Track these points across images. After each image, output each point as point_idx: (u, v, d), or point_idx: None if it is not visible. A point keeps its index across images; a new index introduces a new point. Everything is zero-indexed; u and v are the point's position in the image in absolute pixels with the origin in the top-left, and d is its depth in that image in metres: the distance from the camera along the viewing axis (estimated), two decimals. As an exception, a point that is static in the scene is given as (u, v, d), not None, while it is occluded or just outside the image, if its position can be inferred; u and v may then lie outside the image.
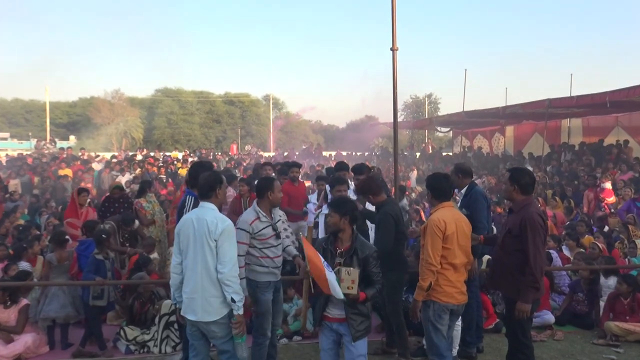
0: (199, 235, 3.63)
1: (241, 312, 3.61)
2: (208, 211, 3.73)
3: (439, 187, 4.21)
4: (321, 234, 6.49)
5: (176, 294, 3.84)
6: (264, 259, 4.32)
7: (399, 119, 7.05)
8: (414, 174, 18.52)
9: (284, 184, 7.35)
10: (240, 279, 4.07)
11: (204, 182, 3.82)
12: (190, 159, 21.94)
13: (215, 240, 3.59)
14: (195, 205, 4.24)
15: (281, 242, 4.47)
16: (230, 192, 7.67)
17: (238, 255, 3.90)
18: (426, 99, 55.27)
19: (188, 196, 4.51)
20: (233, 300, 3.56)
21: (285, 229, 4.78)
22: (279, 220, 4.53)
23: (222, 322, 3.64)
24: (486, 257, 6.10)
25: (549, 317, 6.25)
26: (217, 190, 3.82)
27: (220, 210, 3.91)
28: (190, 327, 3.75)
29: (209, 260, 3.60)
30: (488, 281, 4.73)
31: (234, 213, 6.59)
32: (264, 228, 4.29)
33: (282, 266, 4.56)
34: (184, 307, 3.72)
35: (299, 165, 8.18)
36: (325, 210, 5.29)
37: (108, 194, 8.89)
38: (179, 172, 18.62)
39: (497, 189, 13.84)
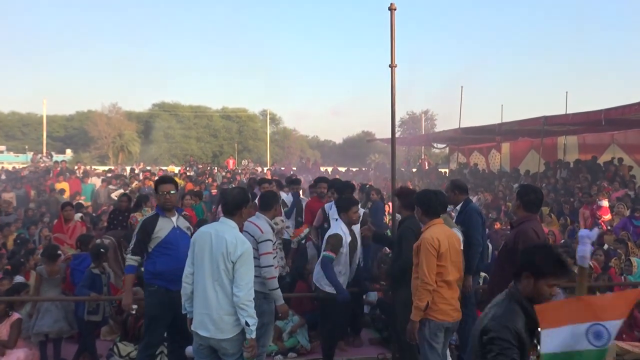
0: (216, 254, 3.60)
1: (254, 335, 3.57)
2: (228, 229, 3.68)
3: (428, 204, 4.20)
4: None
5: (187, 304, 3.80)
6: (276, 268, 4.61)
7: (396, 135, 7.09)
8: (410, 191, 18.53)
9: (310, 200, 7.47)
10: (274, 289, 4.43)
11: (232, 198, 3.78)
12: (188, 173, 21.92)
13: (233, 263, 3.55)
14: (151, 218, 4.48)
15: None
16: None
17: (267, 267, 4.32)
18: (423, 115, 55.64)
19: (152, 211, 4.66)
20: (247, 324, 3.53)
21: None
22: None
23: (235, 338, 3.62)
24: (483, 275, 6.11)
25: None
26: (242, 209, 3.80)
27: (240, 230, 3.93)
28: (198, 342, 3.70)
29: (224, 280, 3.57)
30: (486, 298, 4.75)
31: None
32: (276, 239, 4.72)
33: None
34: (195, 323, 3.69)
35: (326, 181, 7.49)
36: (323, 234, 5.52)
37: (108, 206, 8.91)
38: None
39: (494, 206, 13.88)
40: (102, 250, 5.90)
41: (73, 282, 6.07)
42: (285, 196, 7.91)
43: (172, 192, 4.52)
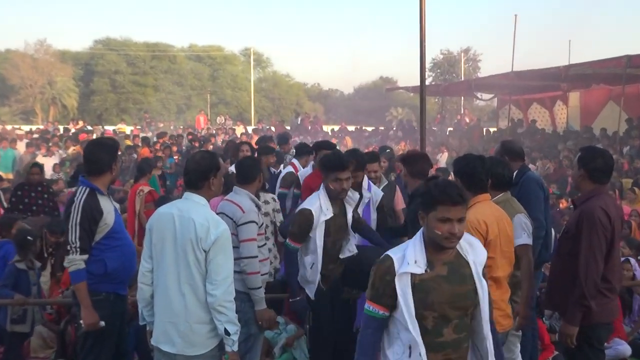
0: (181, 240, 3.59)
1: (235, 348, 3.59)
2: (196, 208, 3.66)
3: (471, 174, 4.18)
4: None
5: (146, 312, 3.83)
6: (261, 261, 4.58)
7: (426, 82, 7.00)
8: (443, 157, 18.54)
9: (308, 176, 7.30)
10: (256, 288, 4.44)
11: (195, 165, 3.77)
12: (142, 135, 21.89)
13: (205, 251, 3.55)
14: (89, 199, 4.27)
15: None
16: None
17: (249, 258, 4.20)
18: (462, 54, 55.13)
19: (81, 187, 4.39)
20: (227, 333, 3.54)
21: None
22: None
23: (210, 354, 3.63)
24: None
25: (624, 348, 6.30)
26: (210, 179, 3.77)
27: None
28: None
29: (196, 275, 3.58)
30: (544, 299, 4.78)
31: None
32: (262, 221, 4.66)
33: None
34: (156, 335, 3.71)
35: (331, 147, 7.16)
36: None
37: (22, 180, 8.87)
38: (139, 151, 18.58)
39: (558, 177, 13.89)
40: (29, 238, 5.90)
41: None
42: (301, 170, 7.69)
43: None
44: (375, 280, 3.04)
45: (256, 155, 8.09)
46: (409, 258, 2.98)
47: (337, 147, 7.45)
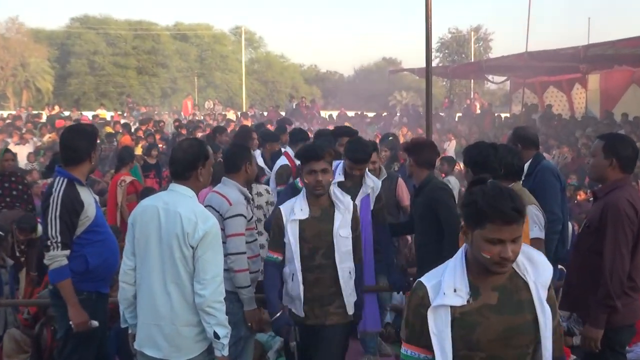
0: (167, 236, 3.58)
1: (226, 352, 3.59)
2: (183, 200, 3.65)
3: (484, 164, 4.19)
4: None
5: (128, 313, 3.83)
6: (251, 259, 4.58)
7: (433, 63, 7.00)
8: (451, 145, 18.53)
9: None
10: (244, 287, 4.41)
11: (182, 154, 3.75)
12: (123, 121, 21.86)
13: (193, 248, 3.55)
14: (68, 190, 4.24)
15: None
16: None
17: (236, 254, 4.13)
18: (472, 33, 55.06)
19: (59, 178, 4.35)
20: (216, 336, 3.53)
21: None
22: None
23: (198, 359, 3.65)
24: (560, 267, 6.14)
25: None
26: (199, 169, 3.75)
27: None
28: None
29: (182, 273, 3.58)
30: (562, 299, 4.78)
31: None
32: (252, 214, 4.61)
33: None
34: (140, 339, 3.71)
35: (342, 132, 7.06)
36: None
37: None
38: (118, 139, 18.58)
39: (576, 167, 13.90)
40: (0, 233, 5.89)
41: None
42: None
43: None
44: (409, 315, 2.59)
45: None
46: (446, 286, 2.49)
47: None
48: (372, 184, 5.27)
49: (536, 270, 2.58)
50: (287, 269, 4.38)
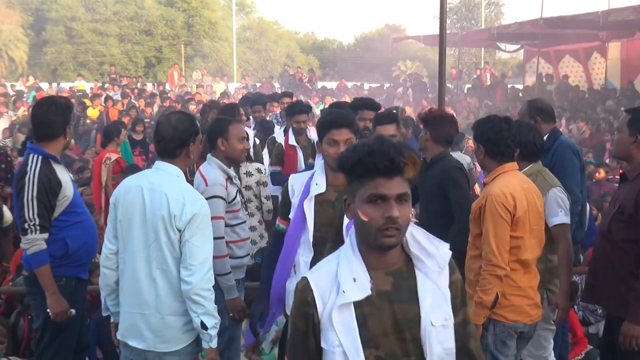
0: (152, 218, 3.57)
1: (214, 344, 3.58)
2: (169, 180, 3.64)
3: (497, 140, 4.15)
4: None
5: (110, 301, 3.83)
6: (236, 243, 4.55)
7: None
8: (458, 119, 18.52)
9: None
10: (224, 274, 4.32)
11: (170, 130, 3.70)
12: (105, 94, 21.79)
13: (180, 231, 3.54)
14: (44, 168, 4.22)
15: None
16: None
17: (215, 239, 4.00)
18: (482, -1, 54.85)
19: (32, 155, 4.33)
20: (204, 327, 3.53)
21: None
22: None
23: (185, 351, 3.65)
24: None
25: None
26: (189, 146, 3.73)
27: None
28: (128, 358, 3.74)
29: (168, 259, 3.57)
30: (585, 290, 4.75)
31: None
32: (235, 195, 4.55)
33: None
34: (123, 328, 3.72)
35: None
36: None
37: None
38: (88, 114, 18.67)
39: (594, 143, 13.89)
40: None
41: None
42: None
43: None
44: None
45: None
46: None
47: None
48: None
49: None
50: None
